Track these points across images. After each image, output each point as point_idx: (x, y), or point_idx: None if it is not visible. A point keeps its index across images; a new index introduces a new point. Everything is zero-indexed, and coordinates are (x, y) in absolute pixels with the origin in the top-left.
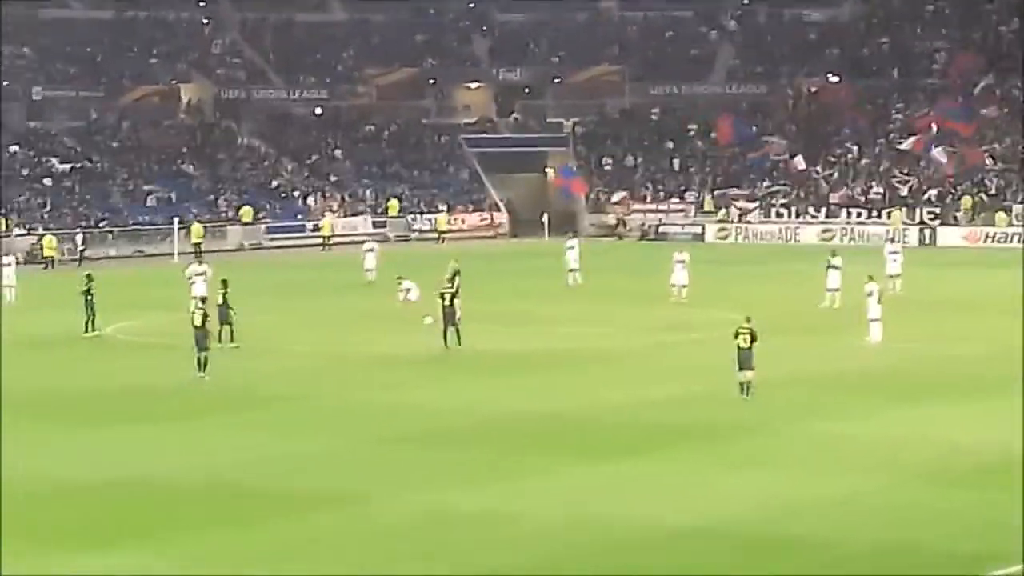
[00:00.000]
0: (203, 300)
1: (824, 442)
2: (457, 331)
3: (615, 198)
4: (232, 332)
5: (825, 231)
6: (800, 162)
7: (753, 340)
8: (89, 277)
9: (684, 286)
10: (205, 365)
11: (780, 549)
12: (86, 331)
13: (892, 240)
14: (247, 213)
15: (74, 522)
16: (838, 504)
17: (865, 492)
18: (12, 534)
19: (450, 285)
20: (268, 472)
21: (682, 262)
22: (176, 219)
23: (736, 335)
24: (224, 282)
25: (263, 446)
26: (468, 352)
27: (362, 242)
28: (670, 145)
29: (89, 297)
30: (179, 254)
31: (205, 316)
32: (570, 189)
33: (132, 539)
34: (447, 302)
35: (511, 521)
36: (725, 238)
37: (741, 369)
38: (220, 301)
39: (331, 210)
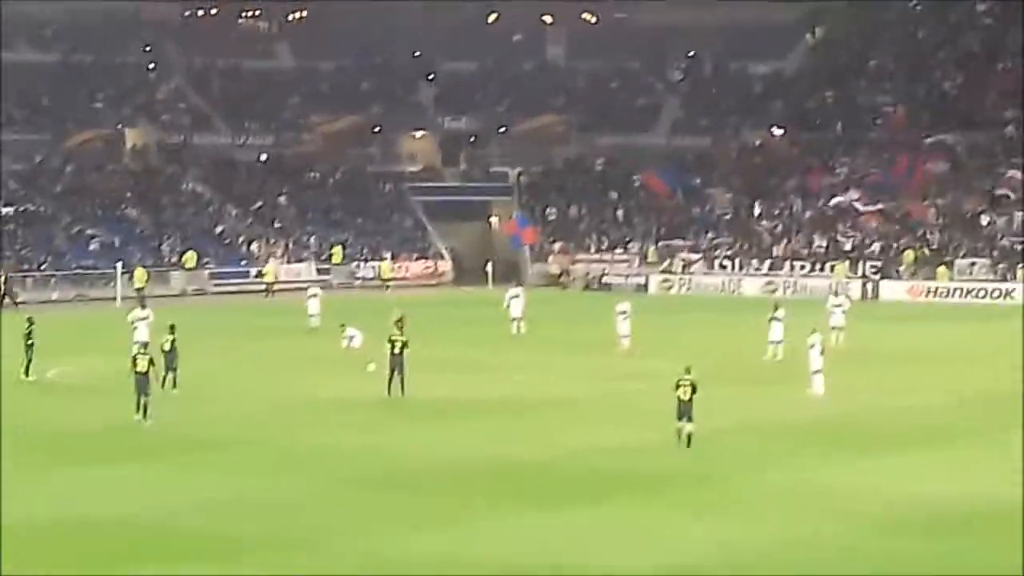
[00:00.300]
0: (145, 345)
1: (776, 491)
2: (402, 380)
3: (555, 248)
4: (175, 378)
5: (768, 283)
6: (756, 207)
7: (694, 391)
8: (30, 321)
9: (627, 336)
10: (147, 410)
11: None
12: (26, 374)
13: (836, 293)
14: (190, 258)
15: (20, 562)
16: (791, 551)
17: (818, 540)
18: None
19: (400, 333)
20: (217, 515)
21: (624, 312)
22: (119, 263)
23: (677, 386)
24: (172, 327)
25: (211, 489)
26: (414, 399)
27: (306, 288)
28: (614, 196)
29: (30, 341)
30: (122, 299)
31: (150, 361)
32: (522, 239)
33: None
34: (396, 350)
35: (464, 566)
36: (669, 289)
37: (680, 419)
38: (168, 347)
39: (275, 256)
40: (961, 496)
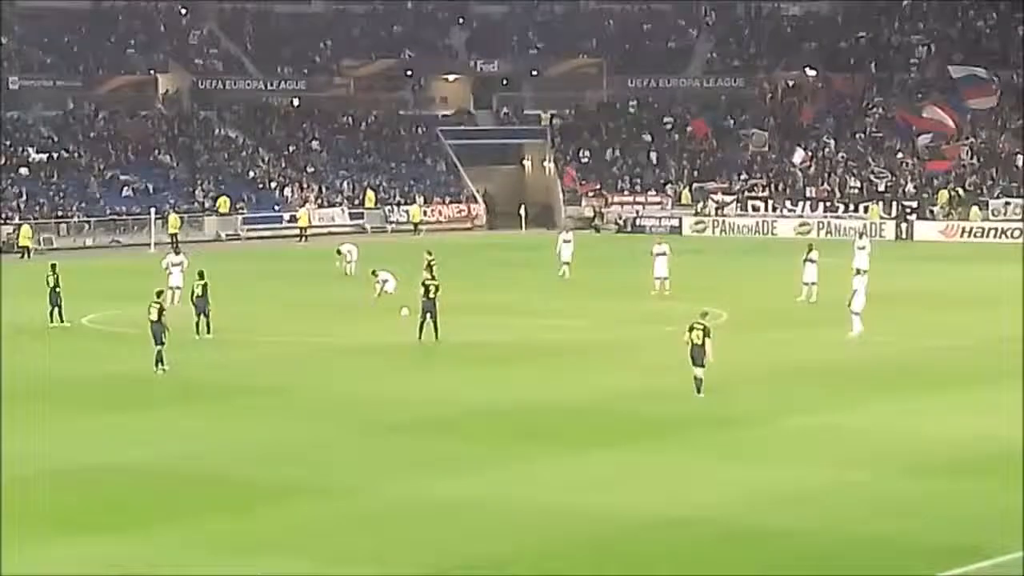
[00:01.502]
0: (177, 289)
1: (806, 435)
2: (435, 324)
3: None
4: (209, 323)
5: (802, 225)
6: (799, 155)
7: (706, 335)
8: (53, 268)
9: (665, 278)
10: (162, 360)
11: (763, 539)
12: (51, 321)
13: (860, 235)
14: (224, 204)
15: (60, 509)
16: (821, 495)
17: (848, 484)
18: None
19: (431, 276)
20: (252, 461)
21: (663, 254)
22: (153, 209)
23: (690, 330)
24: (201, 273)
25: (246, 435)
26: (447, 343)
27: (339, 233)
28: (648, 138)
29: (57, 288)
30: (156, 244)
31: (161, 310)
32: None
33: (119, 526)
34: (430, 294)
35: (496, 510)
36: (702, 231)
37: (695, 365)
38: (200, 292)
39: (308, 201)
40: (990, 437)
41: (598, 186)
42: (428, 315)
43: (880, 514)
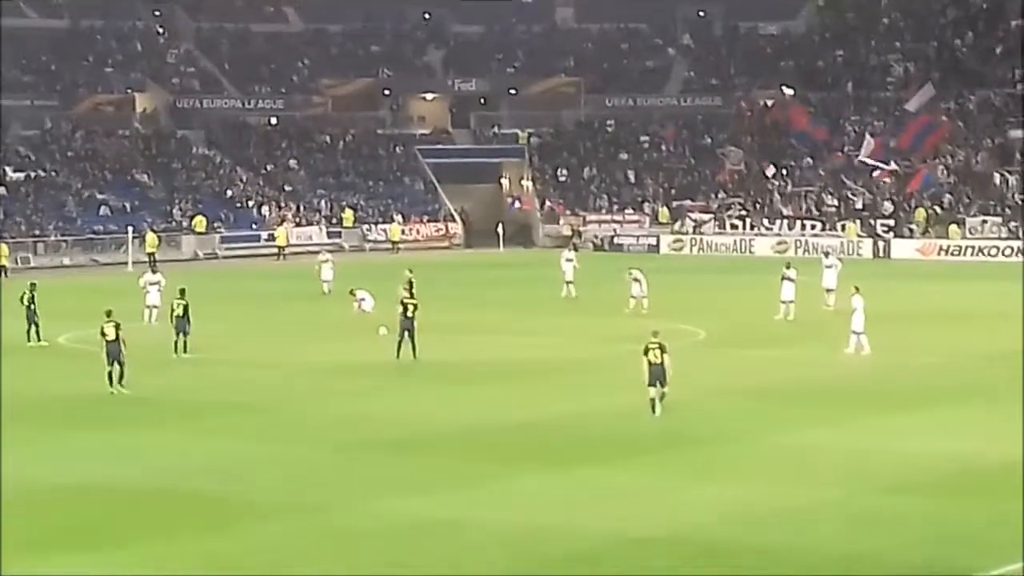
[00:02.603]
0: (154, 308)
1: (786, 453)
2: (413, 343)
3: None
4: (186, 342)
5: (779, 243)
6: (768, 168)
7: (664, 353)
8: (32, 287)
9: (644, 297)
10: (120, 379)
11: (742, 557)
12: (28, 340)
13: (826, 254)
14: (200, 222)
15: (34, 528)
16: (801, 513)
17: (828, 502)
18: None
19: (410, 296)
20: (229, 479)
21: (637, 280)
22: (130, 228)
23: (646, 351)
24: (182, 292)
25: (222, 454)
26: (424, 362)
27: (317, 252)
28: (625, 157)
29: (32, 307)
30: (133, 263)
31: (118, 327)
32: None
33: (94, 544)
34: (408, 313)
35: (472, 529)
36: (680, 249)
37: (652, 385)
38: (180, 311)
39: (286, 220)
40: (969, 455)
41: (559, 204)
42: (406, 333)
43: (855, 532)
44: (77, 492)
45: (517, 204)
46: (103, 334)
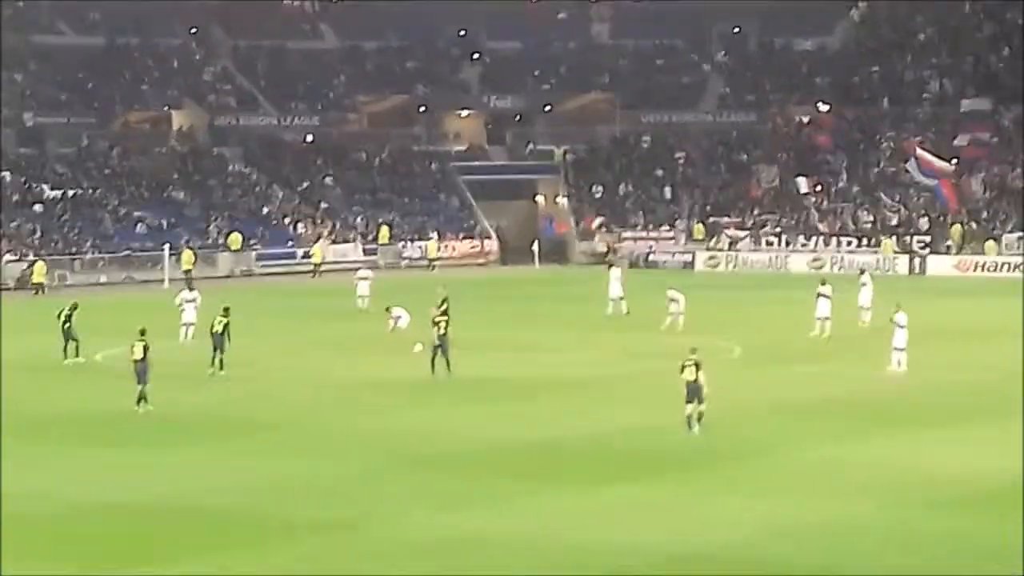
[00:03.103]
0: (191, 325)
1: (818, 468)
2: (447, 360)
3: (594, 224)
4: (222, 360)
5: (815, 260)
6: (802, 184)
7: (699, 370)
8: (74, 306)
9: (681, 314)
10: (145, 399)
11: (773, 574)
12: (65, 357)
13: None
14: (236, 240)
15: (73, 544)
16: (833, 529)
17: (860, 517)
18: (9, 554)
19: (443, 313)
20: (261, 497)
21: (675, 300)
22: (167, 246)
23: (682, 369)
24: (226, 309)
25: (254, 471)
26: (458, 379)
27: (355, 269)
28: (660, 173)
29: (68, 324)
30: (169, 280)
31: (146, 348)
32: (555, 225)
33: (126, 562)
34: (442, 330)
35: (501, 546)
36: (715, 266)
37: (690, 402)
38: (220, 328)
39: (322, 237)
40: (1005, 472)
41: (599, 219)
42: (439, 351)
43: (889, 548)
44: (113, 509)
45: (553, 227)
46: (132, 352)
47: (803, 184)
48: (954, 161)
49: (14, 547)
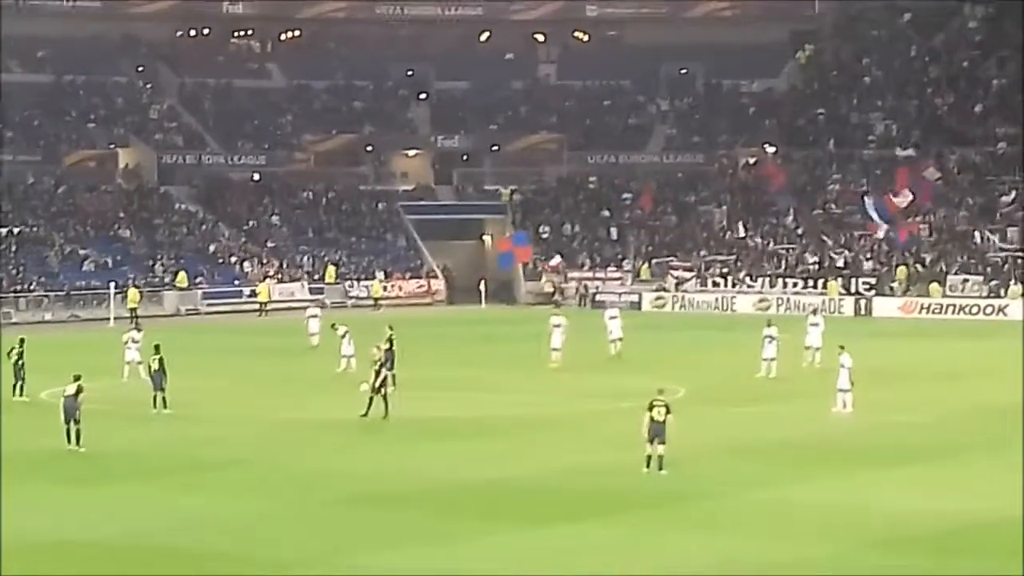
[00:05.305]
0: (138, 364)
1: (770, 508)
2: (385, 401)
3: (552, 262)
4: (164, 398)
5: (761, 300)
6: (740, 228)
7: (668, 412)
8: (21, 342)
9: (619, 339)
10: (78, 438)
11: None
12: (13, 395)
13: (814, 312)
14: (182, 278)
15: None
16: (788, 569)
17: (812, 558)
18: None
19: (380, 354)
20: (207, 536)
21: (614, 317)
22: (112, 284)
23: (651, 407)
24: (156, 347)
25: (196, 510)
26: (404, 418)
27: (304, 308)
28: (607, 213)
29: (20, 361)
30: (115, 319)
31: (79, 387)
32: (516, 257)
33: None
34: (381, 371)
35: None
36: (662, 306)
37: (652, 441)
38: (156, 366)
39: (268, 275)
40: (955, 513)
41: (550, 259)
42: (380, 391)
43: None
44: (54, 548)
45: (513, 258)
46: (64, 392)
47: (740, 228)
48: (909, 198)
49: None
